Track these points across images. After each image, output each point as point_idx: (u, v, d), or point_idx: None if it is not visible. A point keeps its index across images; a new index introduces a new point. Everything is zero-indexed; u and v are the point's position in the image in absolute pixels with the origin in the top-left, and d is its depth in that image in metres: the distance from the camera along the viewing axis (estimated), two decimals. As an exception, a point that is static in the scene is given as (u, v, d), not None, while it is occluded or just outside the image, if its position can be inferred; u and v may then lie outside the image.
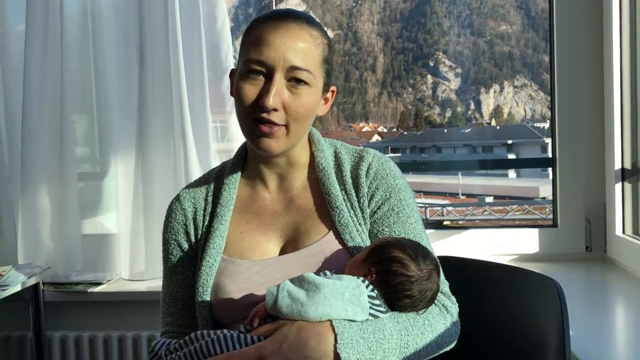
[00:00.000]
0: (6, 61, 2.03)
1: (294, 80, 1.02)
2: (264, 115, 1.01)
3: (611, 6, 1.83)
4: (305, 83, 1.03)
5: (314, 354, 0.87)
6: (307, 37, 1.04)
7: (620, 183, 1.86)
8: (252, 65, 1.02)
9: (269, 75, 1.01)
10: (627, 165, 1.85)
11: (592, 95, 1.93)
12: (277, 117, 1.02)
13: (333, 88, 1.14)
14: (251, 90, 1.02)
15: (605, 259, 1.94)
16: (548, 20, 2.03)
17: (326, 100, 1.13)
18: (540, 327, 1.10)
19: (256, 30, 1.04)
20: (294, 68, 1.01)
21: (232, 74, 1.13)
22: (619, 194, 1.86)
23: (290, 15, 1.05)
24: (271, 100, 1.00)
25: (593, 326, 1.39)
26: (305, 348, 0.87)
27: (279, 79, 1.01)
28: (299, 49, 1.02)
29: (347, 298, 0.91)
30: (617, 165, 1.86)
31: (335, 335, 0.88)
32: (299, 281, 0.92)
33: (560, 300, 1.04)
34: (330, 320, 0.90)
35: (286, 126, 1.03)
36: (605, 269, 1.87)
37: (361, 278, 0.95)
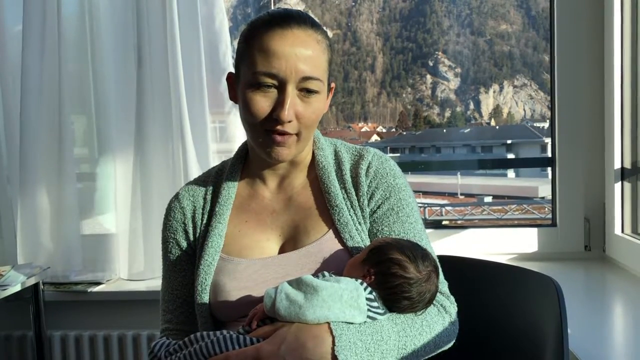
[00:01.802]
0: (4, 61, 2.03)
1: (306, 90, 1.02)
2: (279, 127, 1.01)
3: (612, 6, 1.83)
4: (316, 91, 1.03)
5: (312, 356, 0.87)
6: (314, 43, 1.03)
7: (620, 182, 1.86)
8: (262, 78, 1.00)
9: (281, 87, 1.01)
10: (627, 165, 1.85)
11: (592, 94, 1.93)
12: (291, 128, 1.02)
13: (332, 84, 1.14)
14: (264, 103, 1.01)
15: (604, 258, 1.94)
16: (549, 20, 2.03)
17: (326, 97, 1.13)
18: (539, 326, 1.10)
19: (260, 38, 1.01)
20: (305, 78, 1.01)
21: (230, 77, 1.12)
22: (618, 193, 1.86)
23: (293, 20, 1.02)
24: (287, 114, 1.00)
25: (592, 325, 1.39)
26: (303, 350, 0.87)
27: (292, 90, 1.01)
28: (308, 57, 1.01)
29: (345, 300, 0.91)
30: (617, 165, 1.86)
31: (333, 337, 0.88)
32: (297, 283, 0.92)
33: (559, 299, 1.04)
34: (329, 323, 0.90)
35: (297, 134, 1.04)
36: (604, 268, 1.87)
37: (359, 280, 0.95)
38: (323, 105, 1.07)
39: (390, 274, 0.95)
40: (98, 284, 2.00)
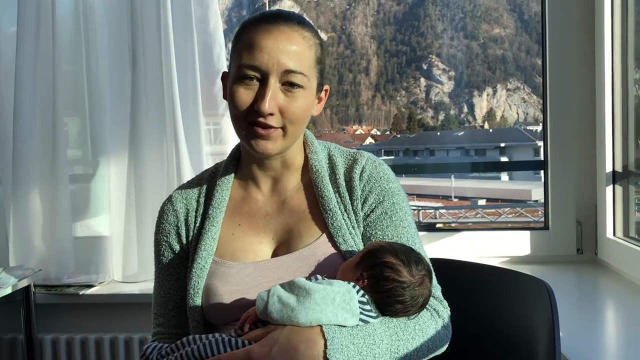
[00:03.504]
0: (-2, 62, 2.02)
1: (289, 83, 1.02)
2: (260, 119, 1.01)
3: (603, 10, 1.84)
4: (300, 86, 1.03)
5: (304, 359, 0.87)
6: (300, 39, 1.04)
7: (611, 186, 1.87)
8: (245, 70, 1.01)
9: (263, 80, 1.01)
10: (618, 168, 1.86)
11: (583, 98, 1.94)
12: (274, 121, 1.02)
13: (326, 87, 1.14)
14: (246, 95, 1.02)
15: (596, 261, 1.95)
16: (541, 24, 2.04)
17: (320, 99, 1.13)
18: (531, 328, 1.11)
19: (248, 34, 1.03)
20: (288, 72, 1.01)
21: (224, 76, 1.12)
22: (610, 196, 1.87)
23: (281, 17, 1.04)
24: (267, 105, 1.00)
25: (583, 328, 1.39)
26: (295, 353, 0.87)
27: (274, 83, 1.01)
28: (292, 52, 1.01)
29: (338, 303, 0.91)
30: (608, 168, 1.87)
31: (325, 340, 0.88)
32: (290, 286, 0.92)
33: (551, 302, 1.05)
34: (321, 326, 0.89)
35: (283, 128, 1.04)
36: (596, 271, 1.88)
37: (352, 283, 0.94)
38: (309, 102, 1.07)
39: (383, 277, 0.95)
40: (91, 286, 1.99)
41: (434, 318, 1.03)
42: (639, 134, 1.81)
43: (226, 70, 1.13)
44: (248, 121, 1.03)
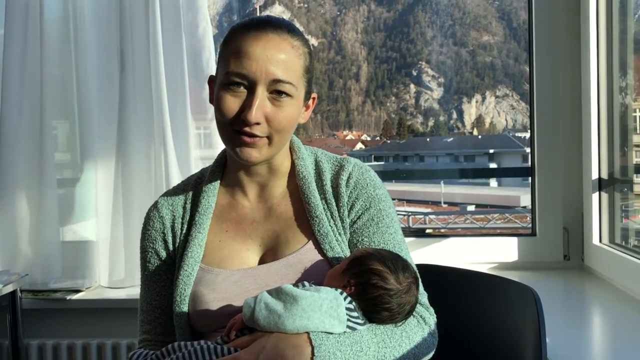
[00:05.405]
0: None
1: (276, 92, 1.01)
2: (247, 128, 1.00)
3: (588, 18, 1.86)
4: (288, 95, 1.02)
5: None
6: (289, 48, 1.03)
7: (598, 193, 1.88)
8: (233, 78, 1.00)
9: (250, 88, 1.00)
10: (604, 175, 1.87)
11: (570, 105, 1.96)
12: (260, 130, 1.01)
13: (314, 95, 1.13)
14: (233, 103, 1.01)
15: (583, 268, 1.96)
16: (528, 31, 2.06)
17: (307, 107, 1.12)
18: (517, 334, 1.11)
19: (236, 40, 1.02)
20: (276, 81, 1.00)
21: (211, 80, 1.11)
22: (596, 203, 1.88)
23: (271, 25, 1.03)
24: (254, 115, 0.99)
25: (569, 334, 1.40)
26: None
27: (261, 92, 1.00)
28: (280, 61, 1.01)
29: (325, 310, 0.90)
30: (595, 175, 1.88)
31: (313, 347, 0.88)
32: (277, 293, 0.91)
33: (538, 308, 1.05)
34: (308, 333, 0.89)
35: (268, 137, 1.03)
36: (583, 278, 1.89)
37: (339, 290, 0.94)
38: (296, 111, 1.06)
39: (370, 284, 0.95)
40: (77, 291, 1.98)
41: (420, 325, 1.03)
42: (625, 141, 1.83)
43: (213, 74, 1.12)
44: (234, 128, 1.02)
